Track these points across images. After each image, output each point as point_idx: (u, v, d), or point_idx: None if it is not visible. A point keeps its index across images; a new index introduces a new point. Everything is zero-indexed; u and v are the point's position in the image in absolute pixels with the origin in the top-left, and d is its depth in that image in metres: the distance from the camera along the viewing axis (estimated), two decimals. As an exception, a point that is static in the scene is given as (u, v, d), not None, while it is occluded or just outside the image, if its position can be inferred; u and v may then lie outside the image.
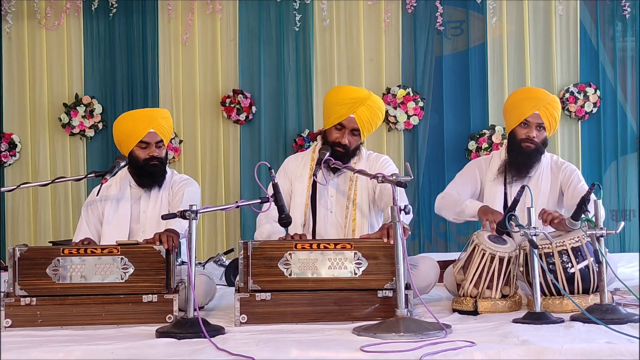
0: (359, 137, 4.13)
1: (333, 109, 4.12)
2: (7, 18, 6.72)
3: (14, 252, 3.57)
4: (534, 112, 4.18)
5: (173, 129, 4.34)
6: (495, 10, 6.63)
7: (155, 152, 4.17)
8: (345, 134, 4.08)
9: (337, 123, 4.08)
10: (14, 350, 3.00)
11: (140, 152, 4.16)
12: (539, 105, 4.19)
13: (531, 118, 4.19)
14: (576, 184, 4.19)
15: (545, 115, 4.19)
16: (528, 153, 4.20)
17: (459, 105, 6.69)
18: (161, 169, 4.22)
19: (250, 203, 3.55)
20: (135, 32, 6.76)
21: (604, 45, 6.63)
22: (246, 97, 6.67)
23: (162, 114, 4.34)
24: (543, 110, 4.19)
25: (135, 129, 4.15)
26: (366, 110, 4.08)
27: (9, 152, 6.70)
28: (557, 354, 2.78)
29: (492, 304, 3.65)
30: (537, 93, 4.41)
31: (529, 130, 4.19)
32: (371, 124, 4.14)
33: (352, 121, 4.07)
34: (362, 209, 4.11)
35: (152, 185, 4.22)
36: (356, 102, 4.08)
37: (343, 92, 4.32)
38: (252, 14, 6.75)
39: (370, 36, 6.70)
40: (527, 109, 4.20)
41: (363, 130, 4.10)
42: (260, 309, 3.48)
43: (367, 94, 4.17)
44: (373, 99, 4.15)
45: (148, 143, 4.15)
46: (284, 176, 4.19)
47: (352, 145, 4.11)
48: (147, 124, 4.15)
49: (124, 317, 3.54)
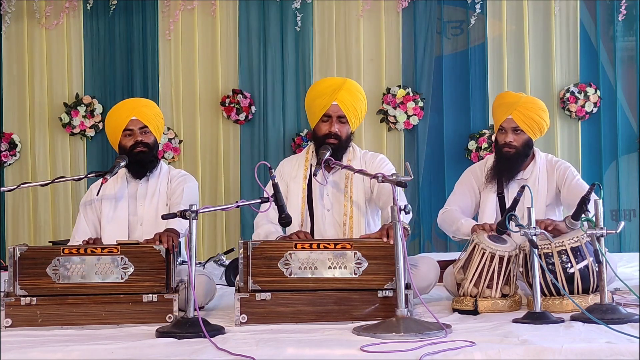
0: (348, 124, 4.13)
1: (315, 103, 4.16)
2: (6, 18, 6.72)
3: (14, 252, 3.56)
4: (507, 117, 4.25)
5: (163, 120, 4.35)
6: (495, 10, 6.63)
7: (139, 137, 4.17)
8: (333, 123, 4.09)
9: (323, 115, 4.11)
10: (14, 350, 3.00)
11: (125, 140, 4.19)
12: (511, 110, 4.25)
13: (505, 123, 4.26)
14: (571, 180, 4.24)
15: (519, 119, 4.23)
16: (509, 158, 4.27)
17: (458, 105, 6.69)
18: (149, 155, 4.21)
19: (250, 203, 3.55)
20: (135, 31, 6.77)
21: (604, 45, 6.63)
22: (246, 97, 6.67)
23: (143, 102, 4.41)
24: (517, 114, 4.23)
25: (118, 120, 4.20)
26: (346, 94, 4.11)
27: (9, 152, 6.70)
28: (557, 354, 2.78)
29: (492, 303, 3.65)
30: (508, 98, 4.45)
31: (505, 135, 4.27)
32: (356, 109, 4.13)
33: (337, 108, 4.09)
34: (359, 206, 4.12)
35: (143, 172, 4.21)
36: (334, 88, 4.12)
37: (319, 84, 4.39)
38: (252, 14, 6.75)
39: (370, 36, 6.70)
40: (500, 115, 4.29)
41: (349, 116, 4.10)
42: (260, 308, 3.48)
43: (343, 79, 4.26)
44: (350, 82, 4.22)
45: (132, 130, 4.18)
46: (280, 179, 4.19)
47: (343, 134, 4.11)
48: (129, 113, 4.20)
49: (124, 317, 3.53)
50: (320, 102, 4.12)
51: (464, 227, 4.16)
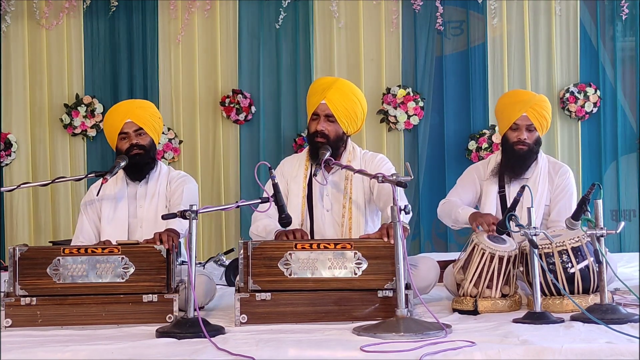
0: (337, 124, 4.11)
1: (309, 101, 4.20)
2: (6, 18, 6.71)
3: (14, 252, 3.56)
4: (522, 114, 4.26)
5: (161, 120, 4.33)
6: (495, 10, 6.63)
7: (135, 139, 4.16)
8: (320, 122, 4.09)
9: (312, 113, 4.13)
10: (14, 350, 3.00)
11: (121, 143, 4.18)
12: (526, 107, 4.26)
13: (520, 121, 4.26)
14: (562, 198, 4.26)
15: (533, 116, 4.26)
16: (522, 155, 4.28)
17: (459, 105, 6.69)
18: (146, 157, 4.20)
19: (250, 203, 3.55)
20: (135, 31, 6.76)
21: (604, 45, 6.63)
22: (246, 97, 6.67)
23: (138, 103, 4.40)
24: (531, 112, 4.26)
25: (114, 123, 4.20)
26: (336, 93, 4.10)
27: (5, 152, 6.69)
28: (557, 354, 2.78)
29: (492, 303, 3.65)
30: (523, 96, 4.50)
31: (519, 132, 4.27)
32: (347, 109, 4.11)
33: (324, 107, 4.09)
34: (359, 206, 4.12)
35: (140, 175, 4.21)
36: (325, 87, 4.13)
37: (314, 83, 4.42)
38: (252, 14, 6.75)
39: (370, 36, 6.70)
40: (515, 112, 4.29)
41: (338, 115, 4.09)
42: (260, 309, 3.48)
43: (335, 79, 4.30)
44: (341, 82, 4.23)
45: (127, 133, 4.17)
46: (280, 178, 4.19)
47: (331, 133, 4.10)
48: (124, 116, 4.19)
49: (124, 317, 3.53)
50: (312, 100, 4.16)
51: (462, 215, 4.17)
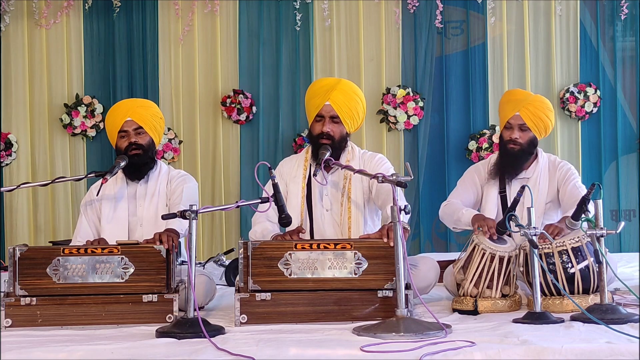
0: (341, 125, 4.11)
1: (310, 103, 4.17)
2: (5, 17, 6.71)
3: (14, 252, 3.56)
4: (515, 113, 4.25)
5: (162, 120, 4.32)
6: (495, 10, 6.63)
7: (134, 138, 4.16)
8: (325, 123, 4.09)
9: (316, 115, 4.11)
10: (14, 350, 2.99)
11: (121, 142, 4.18)
12: (520, 107, 4.25)
13: (512, 120, 4.27)
14: (570, 181, 4.24)
15: (527, 116, 4.24)
16: (513, 154, 4.27)
17: (459, 105, 6.70)
18: (144, 157, 4.19)
19: (250, 203, 3.55)
20: (135, 31, 6.76)
21: (604, 45, 6.63)
22: (247, 97, 6.67)
23: (140, 103, 4.39)
24: (524, 111, 4.25)
25: (114, 122, 4.20)
26: (340, 94, 4.10)
27: (5, 152, 6.69)
28: (557, 354, 2.78)
29: (492, 303, 3.65)
30: (518, 95, 4.49)
31: (511, 132, 4.27)
32: (350, 109, 4.12)
33: (329, 108, 4.09)
34: (358, 206, 4.12)
35: (139, 174, 4.20)
36: (328, 89, 4.12)
37: (314, 84, 4.39)
38: (252, 14, 6.76)
39: (370, 36, 6.70)
40: (508, 111, 4.29)
41: (343, 116, 4.09)
42: (260, 309, 3.48)
43: (337, 80, 4.29)
44: (344, 82, 4.23)
45: (126, 131, 4.16)
46: (279, 179, 4.19)
47: (336, 134, 4.10)
48: (124, 114, 4.18)
49: (124, 317, 3.53)
50: (314, 102, 4.13)
51: (464, 216, 4.15)
